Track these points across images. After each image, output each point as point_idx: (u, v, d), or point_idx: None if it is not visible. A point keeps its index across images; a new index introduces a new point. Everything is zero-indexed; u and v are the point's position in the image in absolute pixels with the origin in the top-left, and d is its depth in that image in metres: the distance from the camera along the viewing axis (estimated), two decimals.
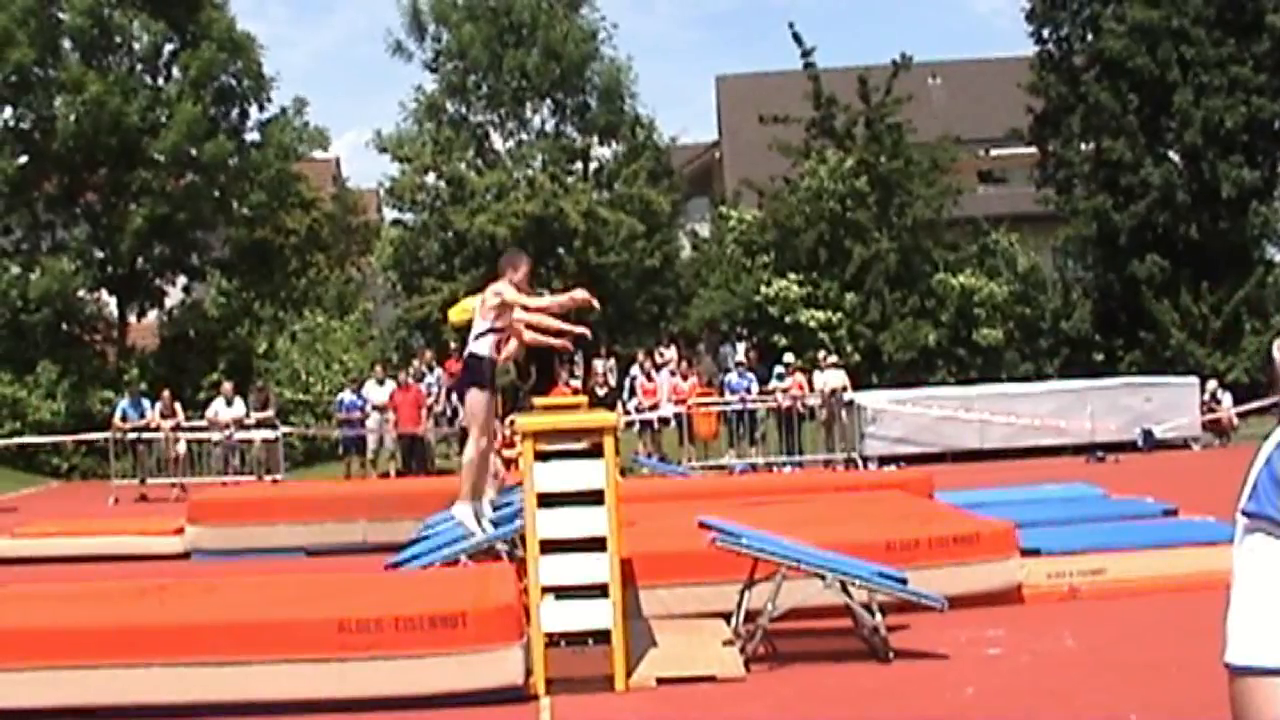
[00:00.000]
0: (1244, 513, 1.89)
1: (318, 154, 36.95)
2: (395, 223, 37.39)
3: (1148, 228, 32.30)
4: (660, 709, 8.41)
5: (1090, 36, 34.38)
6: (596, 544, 8.63)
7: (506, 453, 23.77)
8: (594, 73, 36.00)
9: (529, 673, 8.50)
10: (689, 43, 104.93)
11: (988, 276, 33.18)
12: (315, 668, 8.26)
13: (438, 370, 27.49)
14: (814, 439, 25.94)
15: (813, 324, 31.52)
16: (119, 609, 9.19)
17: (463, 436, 26.19)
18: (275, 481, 24.61)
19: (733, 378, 26.84)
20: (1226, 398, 27.36)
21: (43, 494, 26.63)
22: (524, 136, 36.56)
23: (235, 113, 34.02)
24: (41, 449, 29.12)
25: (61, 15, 31.93)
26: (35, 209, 33.10)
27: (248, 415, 26.12)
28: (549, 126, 36.60)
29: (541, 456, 8.73)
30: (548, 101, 36.36)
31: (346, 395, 26.57)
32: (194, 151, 31.75)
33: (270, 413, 26.56)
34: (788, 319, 31.70)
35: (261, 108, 34.20)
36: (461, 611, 8.40)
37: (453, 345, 30.08)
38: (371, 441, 26.06)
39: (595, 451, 8.73)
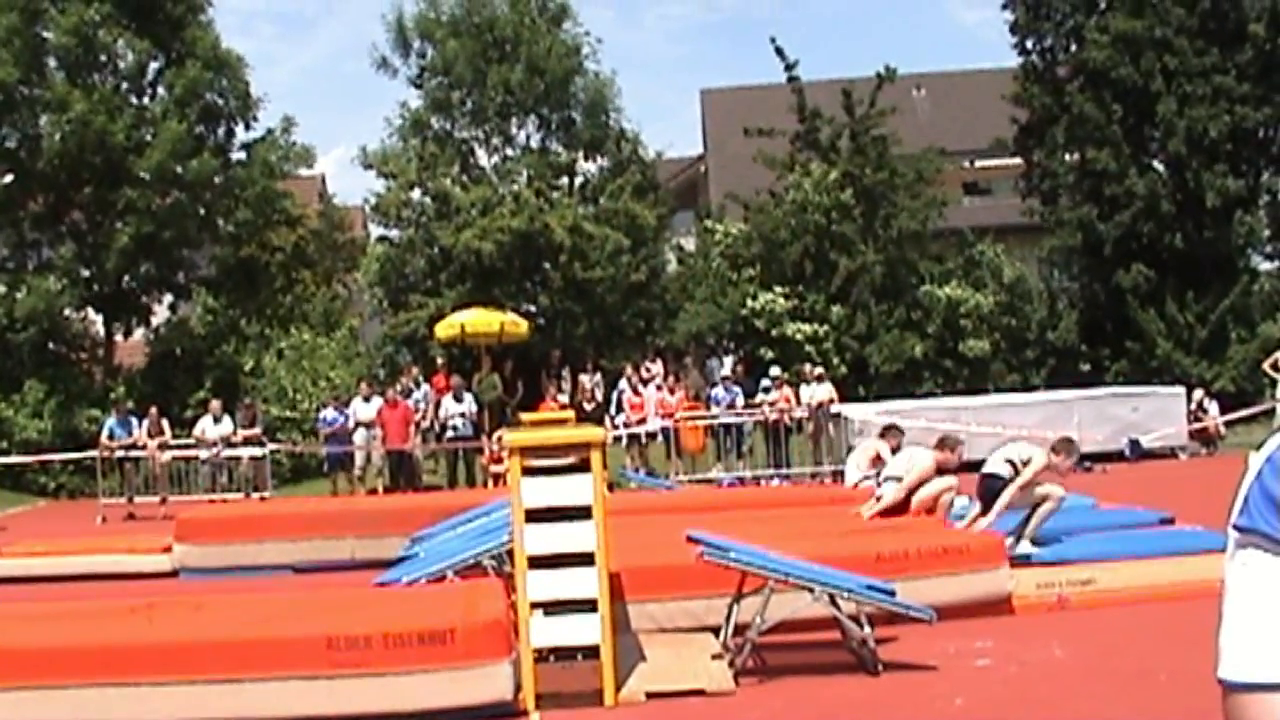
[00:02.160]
0: (1236, 527, 1.88)
1: (303, 171, 36.90)
2: (381, 239, 37.35)
3: (1133, 237, 32.35)
4: None
5: (1074, 47, 34.42)
6: (585, 559, 8.63)
7: (494, 468, 23.85)
8: (578, 88, 36.02)
9: (518, 688, 8.50)
10: (674, 57, 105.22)
11: (973, 288, 33.19)
12: (304, 685, 8.26)
13: (425, 386, 27.46)
14: (801, 452, 25.93)
15: (799, 337, 31.51)
16: (107, 628, 9.17)
17: (450, 455, 26.25)
18: (263, 499, 24.55)
19: (718, 391, 26.85)
20: (1213, 407, 27.38)
21: (30, 513, 26.54)
22: (509, 152, 36.56)
23: (221, 131, 33.98)
24: (29, 468, 29.01)
25: (46, 34, 31.84)
26: (21, 228, 33.01)
27: (235, 433, 26.07)
28: (534, 142, 36.62)
29: (529, 471, 8.73)
30: (532, 117, 36.36)
31: (329, 411, 26.52)
32: (179, 169, 31.70)
33: (257, 430, 26.50)
34: (774, 332, 31.68)
35: (248, 126, 34.18)
36: (450, 627, 8.40)
37: (439, 361, 30.11)
38: (359, 458, 26.02)
39: (583, 466, 8.74)
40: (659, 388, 27.11)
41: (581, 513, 8.67)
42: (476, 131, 36.52)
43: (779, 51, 33.65)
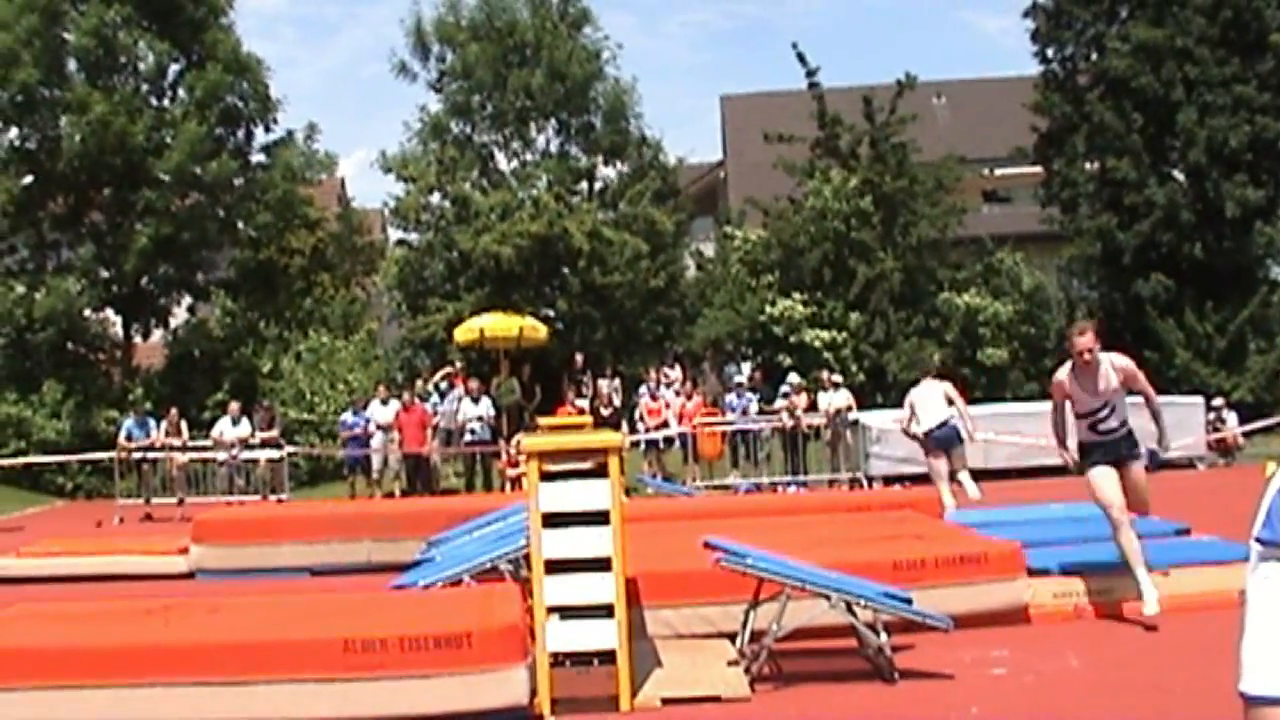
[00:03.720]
0: (1258, 540, 1.87)
1: (323, 175, 36.99)
2: (400, 242, 37.38)
3: (1152, 247, 32.27)
4: None
5: (1094, 56, 34.39)
6: (601, 564, 8.62)
7: (511, 472, 23.84)
8: (598, 93, 35.98)
9: (534, 693, 8.48)
10: (694, 63, 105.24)
11: (992, 296, 33.12)
12: (320, 688, 8.24)
13: (459, 388, 27.23)
14: (818, 459, 25.89)
15: (817, 344, 31.47)
16: (123, 629, 9.17)
17: (468, 458, 26.26)
18: (280, 501, 24.61)
19: (731, 397, 26.83)
20: (1231, 417, 27.30)
21: (47, 513, 26.62)
22: (529, 156, 36.54)
23: (241, 133, 34.08)
24: (46, 468, 29.12)
25: (67, 35, 32.00)
26: (41, 228, 33.17)
27: (253, 435, 26.13)
28: (554, 146, 36.58)
29: (547, 476, 8.72)
30: (552, 121, 36.34)
31: (348, 415, 26.57)
32: (198, 171, 31.81)
33: (275, 432, 26.56)
34: (792, 339, 31.65)
35: (268, 129, 34.29)
36: (466, 631, 8.38)
37: (457, 365, 30.10)
38: (376, 461, 26.05)
39: (600, 471, 8.72)
40: (677, 393, 27.10)
41: (599, 518, 8.64)
42: (496, 136, 36.51)
43: (801, 58, 33.66)
